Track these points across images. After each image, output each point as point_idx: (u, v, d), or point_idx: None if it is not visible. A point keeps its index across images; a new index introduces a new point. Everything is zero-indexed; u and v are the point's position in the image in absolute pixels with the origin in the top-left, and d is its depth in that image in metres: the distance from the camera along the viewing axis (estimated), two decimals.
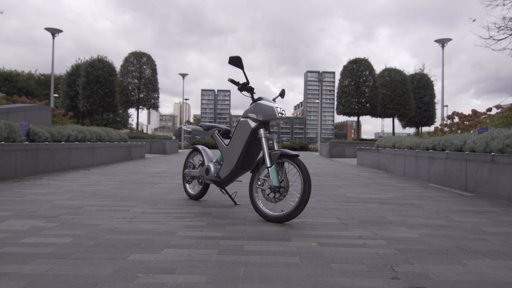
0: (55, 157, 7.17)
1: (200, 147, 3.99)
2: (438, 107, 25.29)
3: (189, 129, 4.06)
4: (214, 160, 3.76)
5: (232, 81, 3.30)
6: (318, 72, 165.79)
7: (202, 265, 1.90)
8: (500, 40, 8.34)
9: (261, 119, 3.13)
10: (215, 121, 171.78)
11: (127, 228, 2.68)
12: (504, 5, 8.54)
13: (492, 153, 4.89)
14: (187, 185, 4.17)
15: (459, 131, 9.84)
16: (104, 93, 21.00)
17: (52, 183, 5.34)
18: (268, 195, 2.98)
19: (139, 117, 22.70)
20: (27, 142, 6.46)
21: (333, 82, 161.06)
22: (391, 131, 24.40)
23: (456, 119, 11.06)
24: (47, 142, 7.08)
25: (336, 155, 18.54)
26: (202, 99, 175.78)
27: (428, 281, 1.76)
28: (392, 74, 22.18)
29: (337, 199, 4.34)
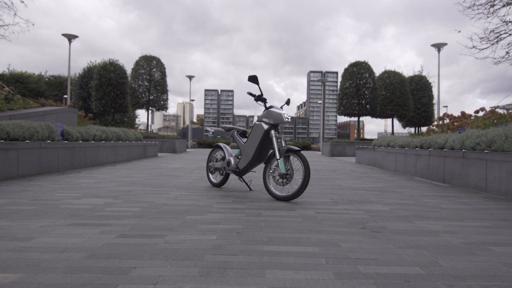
0: (87, 154, 8.16)
1: (221, 144, 4.95)
2: (435, 108, 26.09)
3: (212, 130, 5.02)
4: (234, 155, 4.72)
5: (250, 93, 4.27)
6: (321, 72, 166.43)
7: (237, 221, 2.86)
8: (482, 49, 9.25)
9: (272, 122, 4.09)
10: (218, 121, 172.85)
11: (175, 203, 3.65)
12: (487, 17, 9.45)
13: (463, 150, 5.82)
14: (210, 175, 5.13)
15: (449, 131, 10.75)
16: (115, 95, 22.02)
17: (91, 175, 6.32)
18: (277, 180, 3.94)
19: (148, 118, 23.70)
20: (66, 141, 7.45)
21: (336, 82, 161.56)
22: (395, 130, 25.36)
23: (447, 120, 11.99)
24: (80, 141, 8.08)
25: (337, 154, 19.47)
26: (205, 99, 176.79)
27: (384, 229, 2.72)
28: (391, 76, 23.09)
29: (332, 188, 5.29)
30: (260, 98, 4.26)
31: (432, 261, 2.00)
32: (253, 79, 4.06)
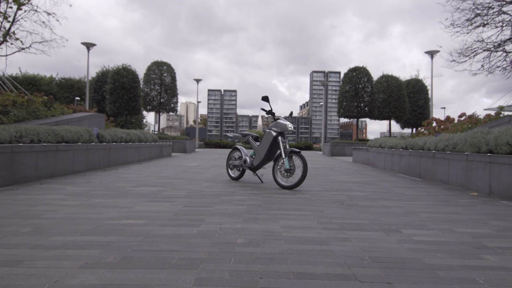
0: (119, 154, 9.55)
1: (239, 146, 6.31)
2: (435, 109, 27.33)
3: (231, 136, 6.38)
4: (249, 155, 6.07)
5: (263, 109, 5.65)
6: (323, 72, 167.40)
7: (256, 200, 4.22)
8: (461, 62, 10.57)
9: (279, 131, 5.44)
10: (221, 121, 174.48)
11: (209, 190, 5.02)
12: (469, 32, 10.76)
13: (433, 151, 7.16)
14: (230, 171, 6.50)
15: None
16: (128, 98, 23.48)
17: (129, 172, 7.69)
18: (283, 174, 5.30)
19: (160, 120, 25.13)
20: (104, 143, 8.84)
21: (339, 81, 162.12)
22: (395, 130, 26.77)
23: (434, 124, 13.30)
24: (114, 143, 9.47)
25: (337, 154, 20.80)
26: (208, 99, 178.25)
27: (355, 205, 4.07)
28: (389, 80, 24.43)
29: (327, 181, 6.64)
30: (270, 112, 5.64)
31: (377, 218, 3.36)
32: (265, 98, 5.43)
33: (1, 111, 8.11)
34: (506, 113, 11.24)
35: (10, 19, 10.06)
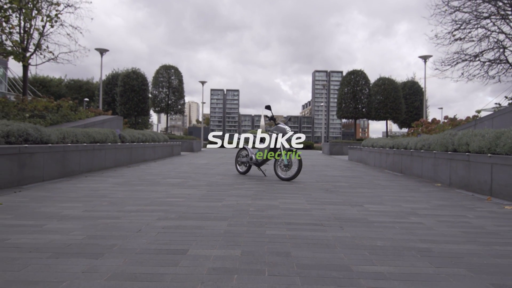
0: (138, 153, 10.81)
1: (246, 146, 7.54)
2: (430, 110, 28.45)
3: (239, 136, 7.62)
4: (254, 153, 7.31)
5: (266, 115, 6.88)
6: (326, 71, 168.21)
7: (261, 187, 5.46)
8: (444, 70, 11.76)
9: (279, 133, 6.67)
10: (223, 121, 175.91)
11: (223, 181, 6.26)
12: (450, 43, 11.94)
13: (411, 150, 8.37)
14: (238, 166, 7.74)
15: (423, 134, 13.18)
16: (138, 100, 24.78)
17: (150, 168, 8.94)
18: (282, 168, 6.53)
19: (168, 121, 26.42)
20: (127, 143, 10.09)
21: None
22: (397, 130, 27.93)
23: (423, 126, 14.49)
24: (135, 143, 10.73)
25: (335, 153, 22.00)
26: (211, 99, 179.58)
27: (337, 191, 5.30)
28: (386, 82, 25.63)
29: (320, 175, 7.87)
30: (272, 118, 6.88)
31: (350, 199, 4.59)
32: (268, 107, 6.67)
33: (38, 115, 9.39)
34: (484, 113, 12.41)
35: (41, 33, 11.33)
